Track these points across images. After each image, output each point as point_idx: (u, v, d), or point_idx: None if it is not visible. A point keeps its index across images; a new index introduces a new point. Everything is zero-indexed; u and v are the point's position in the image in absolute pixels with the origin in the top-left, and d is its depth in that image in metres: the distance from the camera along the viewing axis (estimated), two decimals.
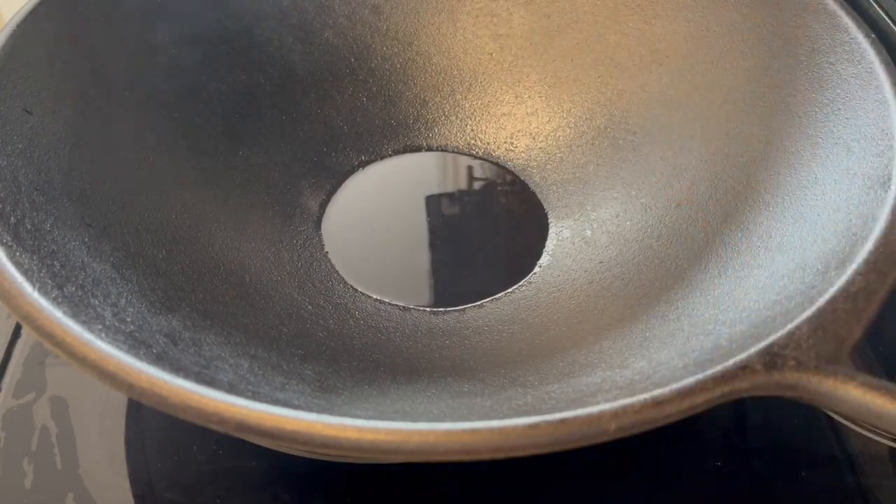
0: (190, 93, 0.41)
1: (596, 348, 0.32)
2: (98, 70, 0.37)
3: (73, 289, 0.27)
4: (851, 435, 0.36)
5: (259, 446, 0.31)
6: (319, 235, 0.41)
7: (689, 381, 0.23)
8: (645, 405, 0.23)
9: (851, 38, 0.34)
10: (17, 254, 0.27)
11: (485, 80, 0.46)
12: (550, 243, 0.41)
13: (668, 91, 0.41)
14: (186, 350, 0.29)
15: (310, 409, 0.22)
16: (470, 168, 0.45)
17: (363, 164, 0.45)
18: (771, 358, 0.24)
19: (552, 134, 0.45)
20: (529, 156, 0.45)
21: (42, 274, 0.26)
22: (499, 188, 0.44)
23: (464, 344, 0.36)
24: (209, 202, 0.39)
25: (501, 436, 0.22)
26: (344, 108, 0.45)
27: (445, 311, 0.38)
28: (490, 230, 0.42)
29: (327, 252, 0.41)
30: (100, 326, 0.25)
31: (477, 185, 0.44)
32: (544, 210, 0.43)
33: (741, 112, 0.38)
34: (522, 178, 0.44)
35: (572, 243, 0.40)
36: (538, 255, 0.40)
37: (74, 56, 0.36)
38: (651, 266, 0.37)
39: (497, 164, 0.45)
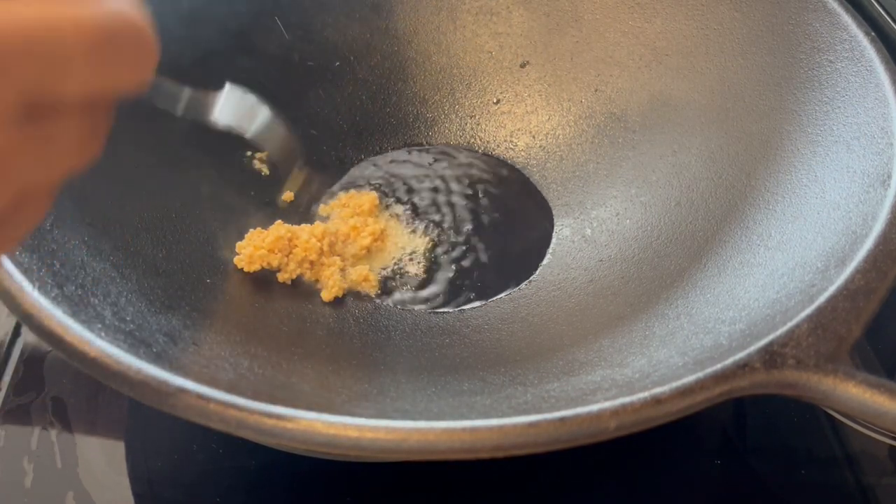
0: None
1: (596, 346, 0.32)
2: None
3: (73, 288, 0.27)
4: (851, 434, 0.36)
5: (259, 445, 0.31)
6: None
7: (689, 379, 0.24)
8: (645, 404, 0.23)
9: (851, 37, 0.34)
10: (17, 253, 0.27)
11: (484, 78, 0.46)
12: (550, 242, 0.41)
13: (668, 89, 0.41)
14: (186, 349, 0.29)
15: (309, 409, 0.22)
16: (469, 167, 0.45)
17: (363, 163, 0.45)
18: (770, 356, 0.24)
19: (552, 132, 0.45)
20: (529, 154, 0.45)
21: (42, 273, 0.27)
22: (498, 187, 0.44)
23: (463, 342, 0.36)
24: (209, 201, 0.39)
25: (501, 434, 0.22)
26: (343, 107, 0.45)
27: (445, 310, 0.38)
28: (490, 229, 0.42)
29: None
30: (99, 325, 0.25)
31: (476, 184, 0.44)
32: (544, 209, 0.43)
33: (740, 110, 0.38)
34: (522, 177, 0.44)
35: (572, 242, 0.40)
36: (539, 254, 0.40)
37: None
38: (651, 264, 0.37)
39: (497, 163, 0.45)
